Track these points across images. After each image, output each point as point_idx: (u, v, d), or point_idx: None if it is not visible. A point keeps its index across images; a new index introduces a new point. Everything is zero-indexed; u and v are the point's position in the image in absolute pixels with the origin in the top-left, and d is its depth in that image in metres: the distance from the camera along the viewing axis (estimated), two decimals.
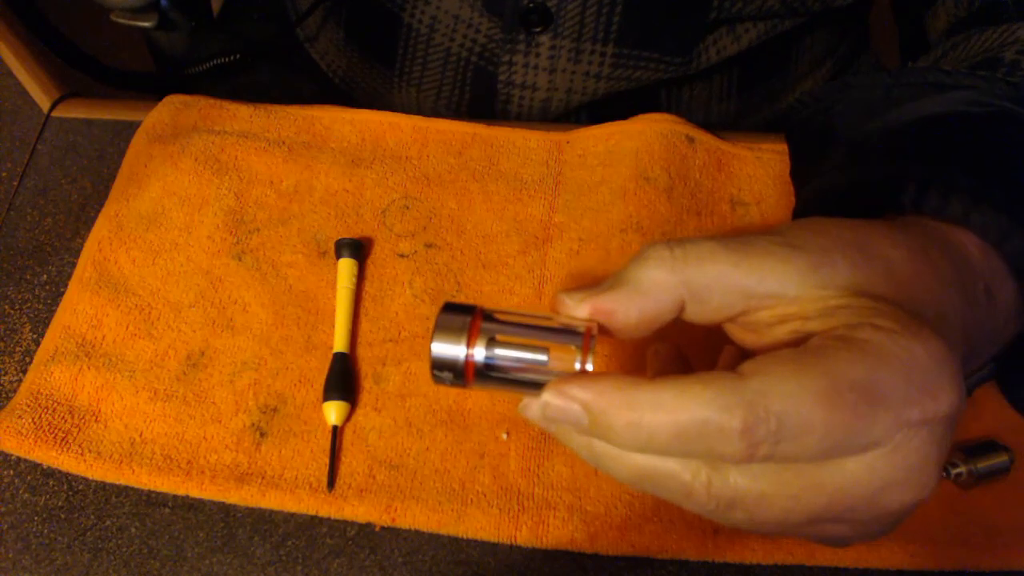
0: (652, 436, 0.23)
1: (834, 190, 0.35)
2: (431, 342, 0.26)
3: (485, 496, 0.39)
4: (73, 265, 0.46)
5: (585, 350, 0.26)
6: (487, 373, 0.26)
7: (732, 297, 0.26)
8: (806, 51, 0.59)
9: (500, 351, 0.26)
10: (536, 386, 0.26)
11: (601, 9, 0.50)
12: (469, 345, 0.26)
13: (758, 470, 0.24)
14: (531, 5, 0.51)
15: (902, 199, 0.31)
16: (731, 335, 0.29)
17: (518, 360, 0.26)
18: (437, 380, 0.27)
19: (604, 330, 0.27)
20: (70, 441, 0.40)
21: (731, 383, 0.23)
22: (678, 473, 0.24)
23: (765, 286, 0.26)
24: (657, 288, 0.26)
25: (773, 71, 0.59)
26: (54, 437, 0.40)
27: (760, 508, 0.24)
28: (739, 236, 0.27)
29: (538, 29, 0.52)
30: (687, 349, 0.33)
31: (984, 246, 0.30)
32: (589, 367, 0.26)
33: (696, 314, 0.27)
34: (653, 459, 0.24)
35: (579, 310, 0.26)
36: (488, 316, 0.27)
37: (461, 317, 0.26)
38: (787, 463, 0.24)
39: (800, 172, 0.43)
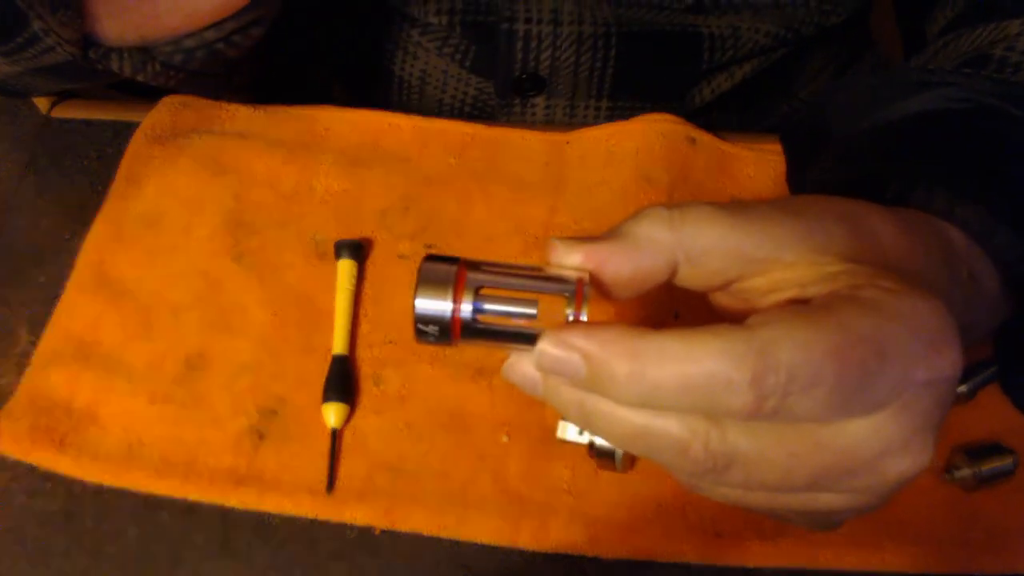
0: (656, 388, 0.22)
1: (825, 189, 0.35)
2: (414, 297, 0.24)
3: (486, 499, 0.39)
4: (71, 266, 0.46)
5: (579, 300, 0.24)
6: (475, 328, 0.25)
7: (728, 260, 0.26)
8: (805, 67, 0.59)
9: (488, 304, 0.25)
10: (525, 341, 0.24)
11: (593, 71, 0.51)
12: (456, 299, 0.24)
13: (760, 428, 0.23)
14: (523, 75, 0.51)
15: (885, 196, 0.31)
16: (719, 306, 0.29)
17: (507, 313, 0.24)
18: (421, 337, 0.25)
19: (594, 284, 0.26)
20: (68, 444, 0.40)
21: (740, 333, 0.22)
22: (675, 430, 0.23)
23: (763, 249, 0.25)
24: (653, 245, 0.25)
25: (772, 92, 0.59)
26: (51, 440, 0.40)
27: (759, 467, 0.24)
28: (736, 202, 0.26)
29: (532, 93, 0.53)
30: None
31: (967, 237, 0.30)
32: (584, 318, 0.24)
33: (689, 277, 0.26)
34: (649, 416, 0.23)
35: (570, 257, 0.25)
36: (474, 267, 0.25)
37: (445, 268, 0.25)
38: (791, 422, 0.23)
39: (795, 175, 0.43)
